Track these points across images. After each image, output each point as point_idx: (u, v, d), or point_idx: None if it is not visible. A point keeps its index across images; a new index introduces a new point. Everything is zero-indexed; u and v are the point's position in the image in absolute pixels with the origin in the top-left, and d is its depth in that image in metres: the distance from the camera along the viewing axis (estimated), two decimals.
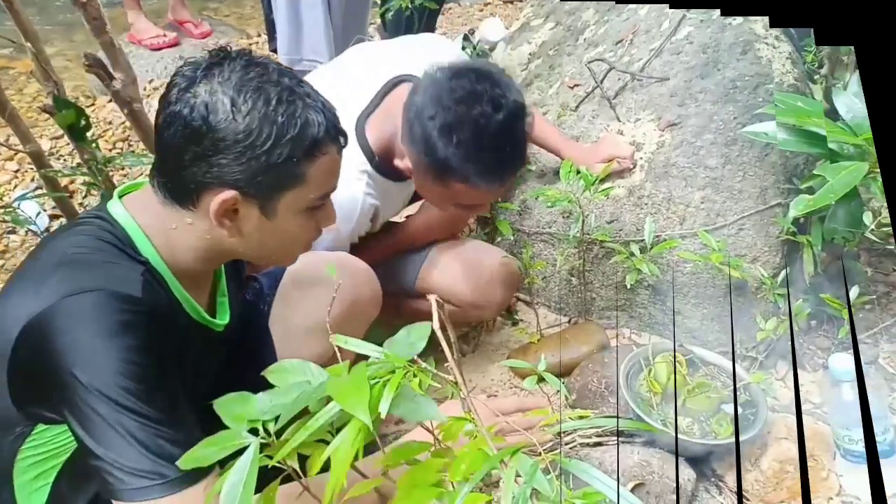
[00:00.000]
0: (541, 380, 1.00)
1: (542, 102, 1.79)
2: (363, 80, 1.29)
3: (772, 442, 1.14)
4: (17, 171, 2.25)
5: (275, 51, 1.91)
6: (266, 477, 0.63)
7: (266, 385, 0.67)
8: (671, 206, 1.44)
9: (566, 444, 1.23)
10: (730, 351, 1.37)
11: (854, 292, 1.21)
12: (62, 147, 2.36)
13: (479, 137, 1.06)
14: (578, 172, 1.38)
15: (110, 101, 2.45)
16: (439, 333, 0.60)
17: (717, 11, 1.58)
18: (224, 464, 0.62)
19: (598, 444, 1.22)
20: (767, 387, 1.17)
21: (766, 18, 1.52)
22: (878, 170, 1.10)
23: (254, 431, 0.62)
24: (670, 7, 1.65)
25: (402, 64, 1.30)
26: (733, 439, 1.10)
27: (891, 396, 1.23)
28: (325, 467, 0.61)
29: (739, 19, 1.56)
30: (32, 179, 2.19)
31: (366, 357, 0.67)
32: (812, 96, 1.41)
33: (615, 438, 1.22)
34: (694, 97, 1.51)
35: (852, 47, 1.39)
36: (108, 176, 1.49)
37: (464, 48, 2.15)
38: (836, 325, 1.36)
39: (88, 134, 1.44)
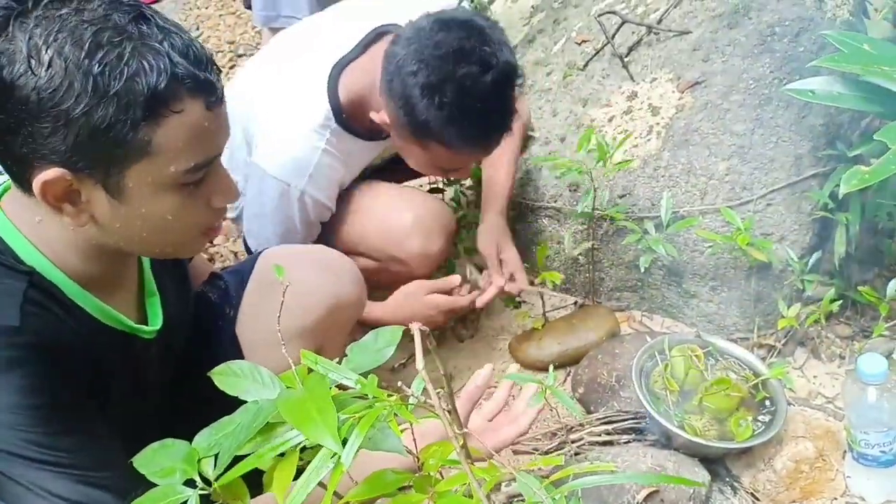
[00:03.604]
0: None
1: (546, 61, 1.62)
2: (343, 30, 1.17)
3: (788, 440, 1.08)
4: None
5: (249, 7, 1.75)
6: None
7: (238, 404, 0.56)
8: (691, 179, 1.30)
9: (573, 441, 1.15)
10: (748, 338, 1.27)
11: (892, 287, 1.09)
12: None
13: (463, 100, 0.99)
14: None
15: None
16: (423, 372, 0.48)
17: None
18: None
19: (609, 442, 1.14)
20: (785, 378, 1.11)
21: None
22: None
23: (192, 483, 0.52)
24: None
25: (389, 14, 1.17)
26: (752, 442, 1.04)
27: None
28: None
29: None
30: None
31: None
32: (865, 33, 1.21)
33: (626, 437, 1.14)
34: (721, 51, 1.35)
35: None
36: None
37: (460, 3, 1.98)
38: (860, 311, 1.25)
39: None
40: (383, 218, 1.21)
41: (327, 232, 1.25)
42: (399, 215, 1.20)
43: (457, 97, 0.98)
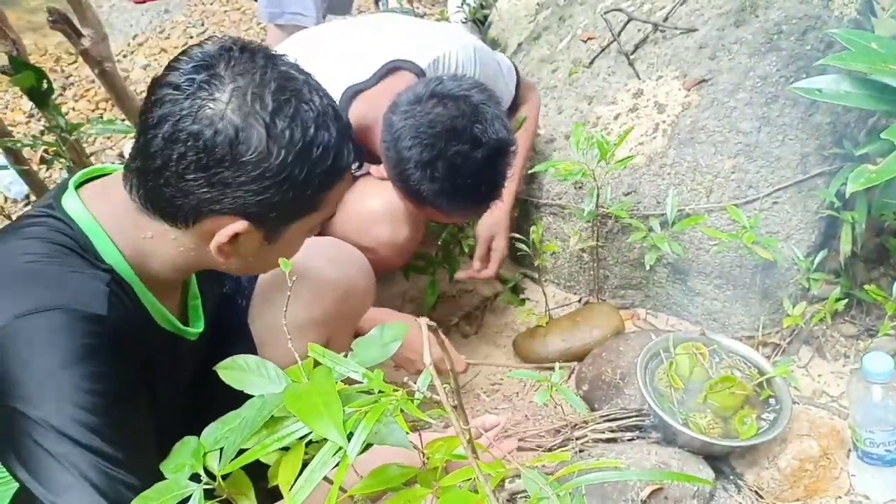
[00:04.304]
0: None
1: (552, 58, 1.62)
2: (361, 52, 1.21)
3: (792, 438, 1.08)
4: None
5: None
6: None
7: (247, 397, 0.57)
8: (697, 177, 1.30)
9: (577, 438, 1.15)
10: (753, 336, 1.26)
11: None
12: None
13: (454, 176, 1.05)
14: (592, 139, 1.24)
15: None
16: (430, 367, 0.48)
17: None
18: None
19: (613, 440, 1.14)
20: (790, 377, 1.11)
21: None
22: None
23: (198, 477, 0.52)
24: None
25: (405, 48, 1.21)
26: (756, 441, 1.04)
27: None
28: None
29: None
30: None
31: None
32: (872, 31, 1.21)
33: (630, 434, 1.14)
34: (727, 49, 1.35)
35: None
36: (76, 144, 1.36)
37: (465, 1, 1.98)
38: (865, 310, 1.26)
39: (57, 98, 1.31)
40: (353, 205, 1.22)
41: None
42: (368, 202, 1.22)
43: (448, 173, 1.04)
